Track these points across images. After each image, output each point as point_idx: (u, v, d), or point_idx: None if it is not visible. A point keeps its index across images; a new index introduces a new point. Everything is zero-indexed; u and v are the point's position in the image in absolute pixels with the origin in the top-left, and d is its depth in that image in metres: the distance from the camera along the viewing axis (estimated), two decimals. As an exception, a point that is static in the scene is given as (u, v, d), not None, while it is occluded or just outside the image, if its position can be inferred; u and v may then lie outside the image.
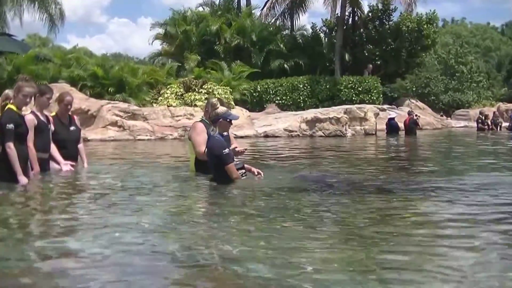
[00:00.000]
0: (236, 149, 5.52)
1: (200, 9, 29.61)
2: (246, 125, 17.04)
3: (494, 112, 24.87)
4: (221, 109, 5.29)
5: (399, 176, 5.66)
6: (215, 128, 5.14)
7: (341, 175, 5.62)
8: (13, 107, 5.40)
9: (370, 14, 28.63)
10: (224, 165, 5.00)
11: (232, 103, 19.05)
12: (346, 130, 17.34)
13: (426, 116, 24.72)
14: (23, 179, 5.19)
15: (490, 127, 22.47)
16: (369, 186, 4.80)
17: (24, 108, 5.52)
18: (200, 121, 6.00)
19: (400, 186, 4.92)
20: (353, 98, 23.84)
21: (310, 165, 6.28)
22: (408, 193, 4.48)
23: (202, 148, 5.58)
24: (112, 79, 19.78)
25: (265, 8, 31.77)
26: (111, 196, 4.33)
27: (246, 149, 5.76)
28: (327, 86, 24.12)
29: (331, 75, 25.68)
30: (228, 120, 5.25)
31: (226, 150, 5.00)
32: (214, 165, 5.14)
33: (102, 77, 19.69)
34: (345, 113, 17.94)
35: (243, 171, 5.32)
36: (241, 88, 23.06)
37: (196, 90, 18.70)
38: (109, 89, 19.59)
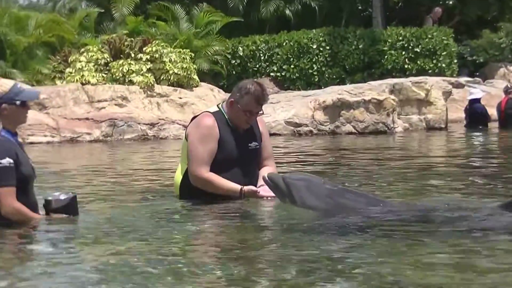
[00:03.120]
0: (253, 189, 4.47)
1: None
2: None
3: None
4: (4, 85, 4.16)
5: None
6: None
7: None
8: None
9: None
10: None
11: (195, 77, 14.65)
12: (393, 122, 13.52)
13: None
14: None
15: None
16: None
17: None
18: (213, 112, 4.71)
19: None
20: (406, 67, 17.54)
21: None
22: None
23: (201, 168, 4.52)
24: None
25: None
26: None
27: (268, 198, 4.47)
28: (360, 46, 17.75)
29: (367, 27, 19.15)
30: (17, 103, 3.97)
31: (4, 161, 3.82)
32: None
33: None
34: (391, 92, 13.95)
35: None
36: (210, 52, 17.23)
37: (132, 55, 14.18)
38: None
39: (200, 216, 4.48)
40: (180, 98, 13.90)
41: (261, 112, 4.76)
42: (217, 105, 4.94)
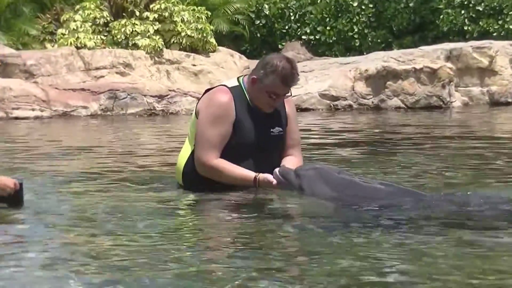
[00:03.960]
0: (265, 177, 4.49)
1: None
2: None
3: None
4: None
5: None
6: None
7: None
8: None
9: None
10: None
11: (212, 40, 14.83)
12: (450, 95, 13.59)
13: None
14: None
15: None
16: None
17: None
18: (231, 87, 4.63)
19: None
20: (466, 29, 17.35)
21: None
22: None
23: (209, 154, 4.50)
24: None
25: None
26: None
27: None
28: (410, 4, 17.67)
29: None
30: None
31: None
32: None
33: None
34: (448, 59, 13.97)
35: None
36: (230, 10, 17.48)
37: (137, 14, 14.22)
38: None
39: (203, 209, 4.50)
40: (194, 65, 13.75)
41: (289, 94, 4.61)
42: (237, 78, 4.77)
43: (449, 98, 13.58)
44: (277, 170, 4.48)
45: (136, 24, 14.03)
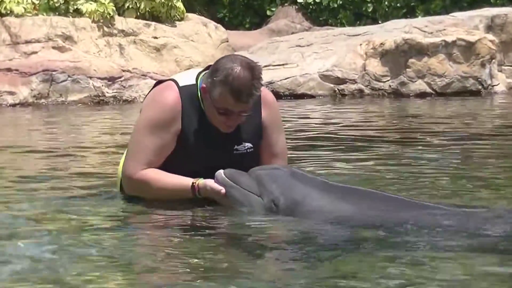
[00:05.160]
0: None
1: None
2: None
3: None
4: None
5: None
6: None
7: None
8: None
9: None
10: None
11: (179, 4, 15.03)
12: (491, 76, 13.63)
13: None
14: None
15: None
16: None
17: None
18: (183, 86, 4.72)
19: None
20: None
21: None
22: None
23: (138, 167, 4.74)
24: None
25: None
26: None
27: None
28: None
29: None
30: None
31: None
32: None
33: None
34: (489, 29, 14.17)
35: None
36: None
37: None
38: None
39: (142, 223, 4.63)
40: (156, 38, 13.83)
41: (247, 114, 4.52)
42: (199, 73, 4.73)
43: (490, 81, 13.67)
44: (221, 171, 4.46)
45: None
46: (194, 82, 4.67)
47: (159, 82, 4.81)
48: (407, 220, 4.43)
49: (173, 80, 4.72)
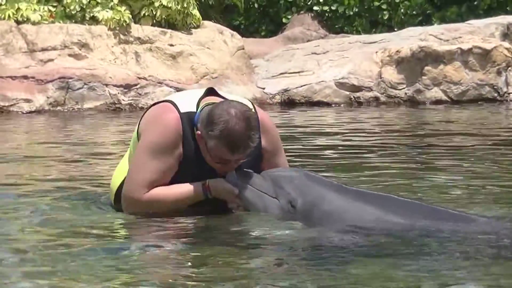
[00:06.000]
0: None
1: None
2: (234, 73, 14.34)
3: None
4: None
5: None
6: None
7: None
8: None
9: None
10: None
11: (195, 12, 15.05)
12: (507, 84, 13.85)
13: None
14: None
15: None
16: None
17: None
18: (184, 113, 4.72)
19: None
20: None
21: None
22: None
23: (144, 191, 4.74)
24: None
25: None
26: None
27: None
28: None
29: None
30: None
31: None
32: None
33: None
34: (505, 36, 14.33)
35: None
36: None
37: None
38: None
39: (140, 235, 4.69)
40: (172, 45, 13.86)
41: (243, 160, 4.54)
42: (199, 101, 4.72)
43: (506, 88, 13.81)
44: (233, 172, 4.53)
45: (95, -5, 13.39)
46: (195, 110, 4.69)
47: (153, 104, 4.88)
48: (424, 226, 4.50)
49: (171, 102, 4.76)
